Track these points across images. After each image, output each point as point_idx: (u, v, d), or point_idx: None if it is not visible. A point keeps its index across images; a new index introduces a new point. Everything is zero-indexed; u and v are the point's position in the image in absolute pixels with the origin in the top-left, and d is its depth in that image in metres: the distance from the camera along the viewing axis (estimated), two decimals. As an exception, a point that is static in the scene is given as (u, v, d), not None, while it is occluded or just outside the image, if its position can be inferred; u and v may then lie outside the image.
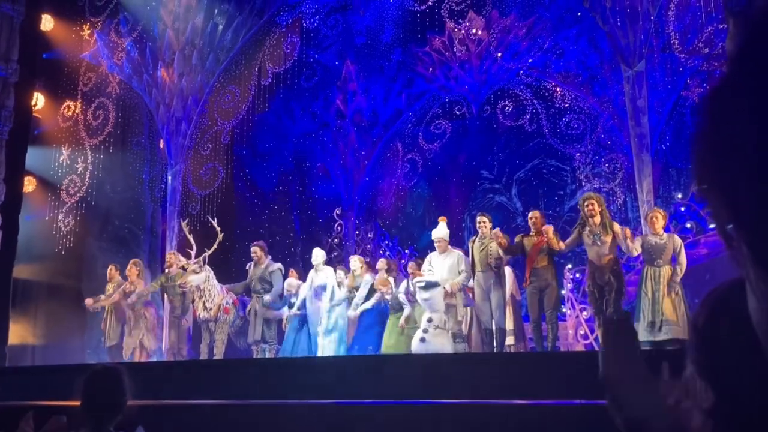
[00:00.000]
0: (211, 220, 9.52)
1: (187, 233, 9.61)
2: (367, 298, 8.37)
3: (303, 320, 8.90)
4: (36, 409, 2.97)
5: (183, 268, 9.27)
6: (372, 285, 8.36)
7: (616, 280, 6.77)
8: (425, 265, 7.77)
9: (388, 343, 7.92)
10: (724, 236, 0.61)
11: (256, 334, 8.95)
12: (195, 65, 13.21)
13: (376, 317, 8.33)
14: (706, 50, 11.16)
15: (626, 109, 10.96)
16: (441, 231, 7.81)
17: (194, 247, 9.33)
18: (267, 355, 8.88)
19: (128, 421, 2.39)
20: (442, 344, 7.21)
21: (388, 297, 8.14)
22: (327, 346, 8.39)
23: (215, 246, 9.24)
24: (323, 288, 8.60)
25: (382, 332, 8.07)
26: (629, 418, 0.87)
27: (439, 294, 7.33)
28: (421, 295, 7.35)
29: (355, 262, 8.86)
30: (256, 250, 9.20)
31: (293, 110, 15.15)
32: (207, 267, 9.04)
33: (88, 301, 9.97)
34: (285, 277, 9.22)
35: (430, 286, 7.31)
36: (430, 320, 7.29)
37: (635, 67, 10.58)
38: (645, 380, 0.86)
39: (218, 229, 9.37)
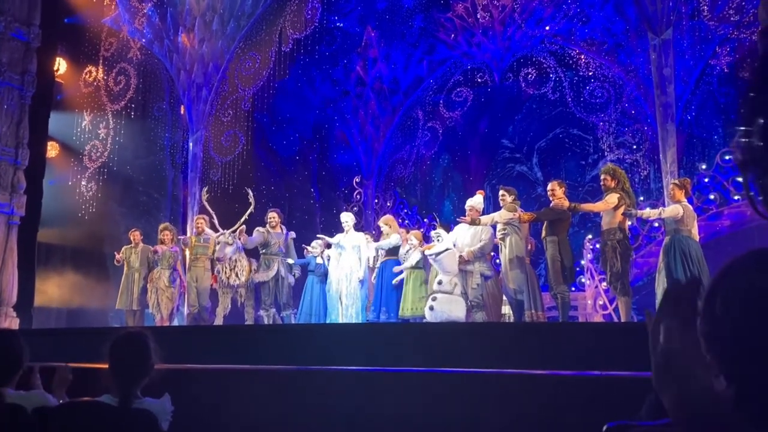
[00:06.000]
0: (246, 191, 9.61)
1: (205, 202, 9.77)
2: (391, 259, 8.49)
3: (320, 283, 9.05)
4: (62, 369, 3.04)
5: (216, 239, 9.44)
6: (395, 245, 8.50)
7: (620, 245, 6.89)
8: (438, 234, 7.87)
9: (407, 306, 8.01)
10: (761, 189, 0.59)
11: (284, 297, 9.14)
12: (216, 31, 13.15)
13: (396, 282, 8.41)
14: (737, 17, 10.89)
15: (652, 77, 10.76)
16: (475, 200, 7.90)
17: (214, 216, 9.53)
18: (293, 321, 9.05)
19: (155, 384, 2.44)
20: (450, 310, 7.28)
21: (413, 250, 8.22)
22: (347, 310, 8.52)
23: (245, 217, 9.33)
24: (356, 248, 8.69)
25: (400, 294, 8.19)
26: (685, 393, 0.85)
27: (449, 256, 7.44)
28: (432, 259, 7.61)
29: (386, 222, 8.93)
30: (274, 215, 9.32)
31: (313, 77, 15.08)
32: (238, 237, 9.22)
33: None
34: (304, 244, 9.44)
35: (440, 253, 7.50)
36: (440, 282, 7.44)
37: (662, 35, 10.35)
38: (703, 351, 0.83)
39: (251, 200, 9.47)
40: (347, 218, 8.98)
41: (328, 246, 9.19)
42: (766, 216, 0.71)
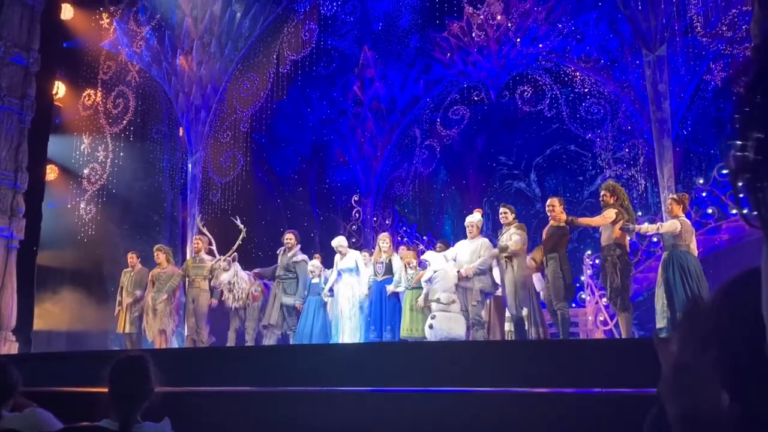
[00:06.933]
0: (234, 219, 9.69)
1: (202, 228, 9.96)
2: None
3: (319, 303, 9.03)
4: (65, 395, 3.03)
5: (211, 267, 9.47)
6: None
7: (619, 261, 6.89)
8: (426, 259, 7.88)
9: (405, 326, 8.01)
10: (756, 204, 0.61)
11: (272, 319, 9.12)
12: (213, 53, 13.25)
13: (395, 299, 8.40)
14: (729, 33, 10.98)
15: (647, 93, 10.83)
16: (474, 217, 7.93)
17: (213, 242, 9.67)
18: (291, 342, 9.02)
19: (155, 408, 2.44)
20: (450, 328, 7.24)
21: (411, 271, 8.21)
22: (350, 330, 8.49)
23: (239, 242, 9.42)
24: (352, 270, 8.69)
25: (400, 312, 8.19)
26: (694, 407, 0.84)
27: (440, 277, 7.46)
28: (429, 285, 7.61)
29: (385, 239, 8.92)
30: (291, 237, 9.28)
31: (311, 97, 15.16)
32: (234, 262, 9.35)
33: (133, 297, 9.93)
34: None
35: (430, 278, 7.54)
36: (438, 300, 7.41)
37: (656, 51, 10.44)
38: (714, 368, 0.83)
39: (241, 227, 9.53)
40: (341, 242, 8.99)
41: (324, 265, 9.25)
42: (758, 227, 0.72)
